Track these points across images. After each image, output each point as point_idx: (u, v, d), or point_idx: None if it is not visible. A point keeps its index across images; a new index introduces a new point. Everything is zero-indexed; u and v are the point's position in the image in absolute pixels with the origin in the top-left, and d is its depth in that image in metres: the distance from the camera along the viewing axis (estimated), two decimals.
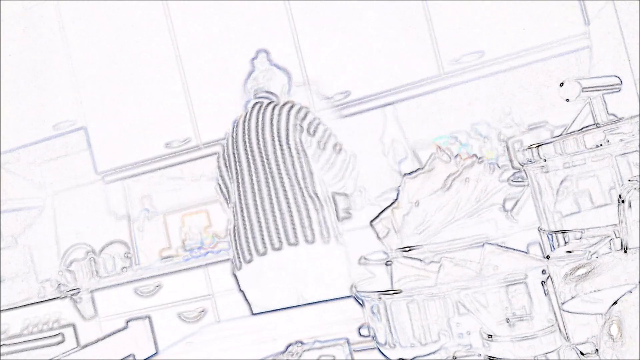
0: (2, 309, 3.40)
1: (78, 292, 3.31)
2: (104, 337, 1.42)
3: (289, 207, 2.22)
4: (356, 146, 3.28)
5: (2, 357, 3.28)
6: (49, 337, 3.22)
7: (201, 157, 3.43)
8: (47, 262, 3.84)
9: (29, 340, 3.24)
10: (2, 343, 3.29)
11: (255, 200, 2.25)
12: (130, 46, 3.41)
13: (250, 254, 2.24)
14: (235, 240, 2.30)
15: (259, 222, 2.23)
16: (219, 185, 2.42)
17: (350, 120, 3.25)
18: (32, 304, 3.35)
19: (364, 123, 3.29)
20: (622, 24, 2.48)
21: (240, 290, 2.32)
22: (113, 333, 1.46)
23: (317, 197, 2.25)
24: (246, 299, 2.32)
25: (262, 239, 2.22)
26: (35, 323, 3.29)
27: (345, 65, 3.10)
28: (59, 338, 3.21)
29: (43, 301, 3.33)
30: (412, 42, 3.02)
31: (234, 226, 2.31)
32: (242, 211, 2.28)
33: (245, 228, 2.26)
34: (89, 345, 1.37)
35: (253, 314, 2.27)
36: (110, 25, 3.44)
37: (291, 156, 2.25)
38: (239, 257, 2.28)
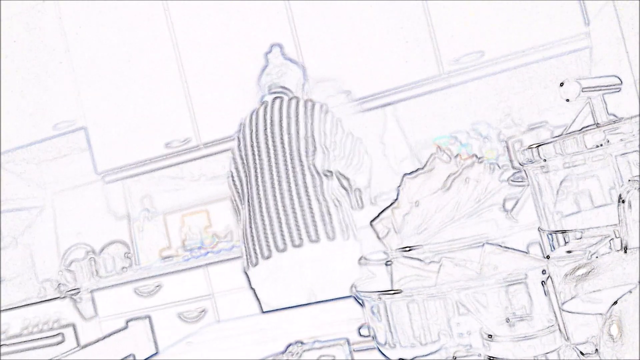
0: (2, 309, 3.40)
1: (78, 292, 3.31)
2: (104, 337, 1.42)
3: (309, 203, 2.19)
4: None
5: (2, 357, 3.28)
6: (49, 337, 3.22)
7: (201, 157, 3.43)
8: (47, 262, 3.84)
9: (29, 340, 3.24)
10: (2, 343, 3.29)
11: (275, 196, 2.21)
12: (130, 46, 3.41)
13: (269, 250, 2.19)
14: (251, 236, 2.25)
15: (279, 218, 2.20)
16: (233, 178, 2.36)
17: (350, 120, 3.25)
18: (32, 304, 3.35)
19: (364, 123, 3.29)
20: (622, 24, 2.48)
21: (251, 287, 2.29)
22: (113, 333, 1.46)
23: (337, 195, 2.24)
24: (257, 297, 2.29)
25: (282, 235, 2.19)
26: (35, 323, 3.29)
27: (345, 65, 3.10)
28: (59, 338, 3.21)
29: (43, 301, 3.34)
30: (412, 42, 3.02)
31: (250, 222, 2.26)
32: (260, 206, 2.23)
33: (264, 224, 2.21)
34: (89, 345, 1.37)
35: (263, 312, 2.25)
36: (110, 25, 3.44)
37: (314, 155, 2.23)
38: (255, 254, 2.23)
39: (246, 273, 2.29)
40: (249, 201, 2.30)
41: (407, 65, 3.03)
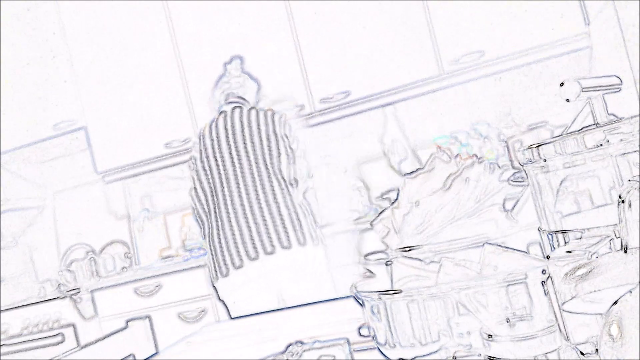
0: (2, 309, 3.40)
1: (78, 292, 3.31)
2: (104, 337, 1.42)
3: (279, 211, 2.19)
4: (356, 146, 3.28)
5: (2, 357, 3.28)
6: (49, 337, 3.22)
7: None
8: (47, 262, 3.84)
9: (29, 340, 3.24)
10: (2, 343, 3.29)
11: (243, 205, 2.21)
12: (130, 46, 3.41)
13: (241, 259, 2.18)
14: (220, 246, 2.22)
15: (249, 226, 2.19)
16: (196, 191, 2.33)
17: (350, 120, 3.25)
18: (32, 304, 3.35)
19: (364, 123, 3.29)
20: (622, 24, 2.48)
21: (220, 299, 2.26)
22: (113, 333, 1.46)
23: (303, 202, 2.25)
24: (226, 308, 2.26)
25: (253, 243, 2.18)
26: (35, 323, 3.29)
27: (345, 65, 3.10)
28: (59, 338, 3.21)
29: (43, 301, 3.33)
30: (412, 42, 3.02)
31: (218, 232, 2.24)
32: (228, 216, 2.22)
33: (233, 233, 2.20)
34: (89, 345, 1.37)
35: (232, 318, 2.23)
36: (110, 25, 3.44)
37: (279, 162, 2.23)
38: (225, 264, 2.21)
39: (214, 285, 2.27)
40: (215, 212, 2.27)
41: (407, 65, 3.03)
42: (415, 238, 0.95)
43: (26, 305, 3.36)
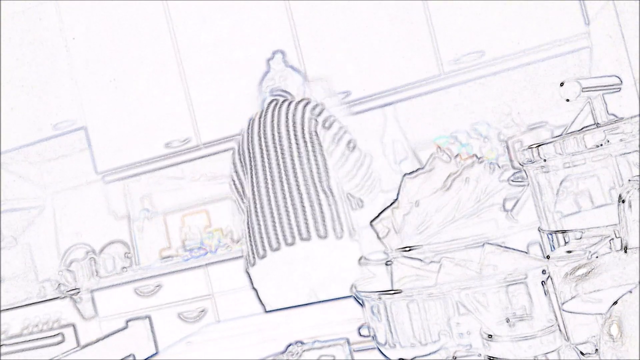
0: (2, 309, 3.40)
1: (78, 292, 3.31)
2: (104, 337, 1.42)
3: (301, 201, 2.21)
4: None
5: (2, 357, 3.28)
6: (49, 337, 3.22)
7: (201, 157, 3.43)
8: (47, 262, 3.84)
9: (29, 340, 3.24)
10: (2, 343, 3.29)
11: (268, 196, 2.25)
12: (130, 46, 3.41)
13: (264, 249, 2.23)
14: (249, 236, 2.29)
15: (272, 217, 2.23)
16: (234, 181, 2.41)
17: (350, 120, 3.25)
18: (32, 304, 3.35)
19: (364, 123, 3.28)
20: (622, 24, 2.48)
21: (253, 287, 2.32)
22: (113, 333, 1.46)
23: (331, 192, 2.24)
24: (259, 297, 2.31)
25: (276, 234, 2.22)
26: (35, 323, 3.29)
27: (345, 65, 3.10)
28: (59, 338, 3.21)
29: (43, 301, 3.33)
30: (412, 42, 3.02)
31: (248, 222, 2.30)
32: (255, 207, 2.28)
33: (259, 224, 2.25)
34: (89, 345, 1.37)
35: (266, 312, 2.26)
36: (110, 25, 3.44)
37: (306, 150, 2.25)
38: (252, 253, 2.27)
39: (248, 273, 2.32)
40: (247, 203, 2.34)
41: (407, 65, 3.03)
42: (415, 238, 0.95)
43: (26, 305, 3.36)
